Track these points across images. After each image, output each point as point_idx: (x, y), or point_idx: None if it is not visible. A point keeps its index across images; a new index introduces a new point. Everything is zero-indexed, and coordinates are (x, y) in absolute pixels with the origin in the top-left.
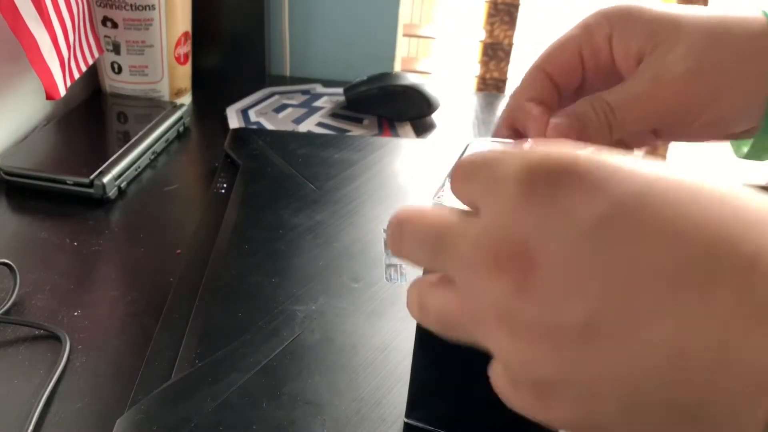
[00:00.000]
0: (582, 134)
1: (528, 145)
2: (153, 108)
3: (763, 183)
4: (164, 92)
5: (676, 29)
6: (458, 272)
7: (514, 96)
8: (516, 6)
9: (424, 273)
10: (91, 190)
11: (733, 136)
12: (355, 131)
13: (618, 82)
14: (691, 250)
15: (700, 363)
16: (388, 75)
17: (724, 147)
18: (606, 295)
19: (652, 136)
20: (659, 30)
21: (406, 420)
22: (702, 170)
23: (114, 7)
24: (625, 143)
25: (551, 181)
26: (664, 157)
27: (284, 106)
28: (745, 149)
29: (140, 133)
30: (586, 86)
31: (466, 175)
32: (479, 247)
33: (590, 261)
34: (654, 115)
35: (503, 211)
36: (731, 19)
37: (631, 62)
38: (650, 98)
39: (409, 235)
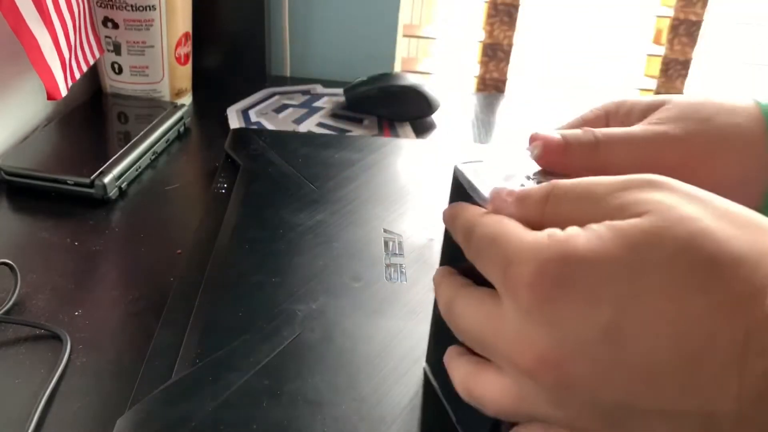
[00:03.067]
0: (564, 148)
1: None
2: (153, 108)
3: None
4: (165, 92)
5: (669, 104)
6: (504, 366)
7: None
8: (516, 6)
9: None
10: (91, 191)
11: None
12: (355, 131)
13: None
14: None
15: None
16: (388, 75)
17: None
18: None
19: None
20: (651, 107)
21: (426, 365)
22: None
23: (114, 7)
24: None
25: (559, 286)
26: None
27: (284, 107)
28: None
29: (141, 134)
30: None
31: (479, 249)
32: (512, 353)
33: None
34: (643, 160)
35: (520, 318)
36: (724, 101)
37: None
38: (643, 142)
39: (454, 328)
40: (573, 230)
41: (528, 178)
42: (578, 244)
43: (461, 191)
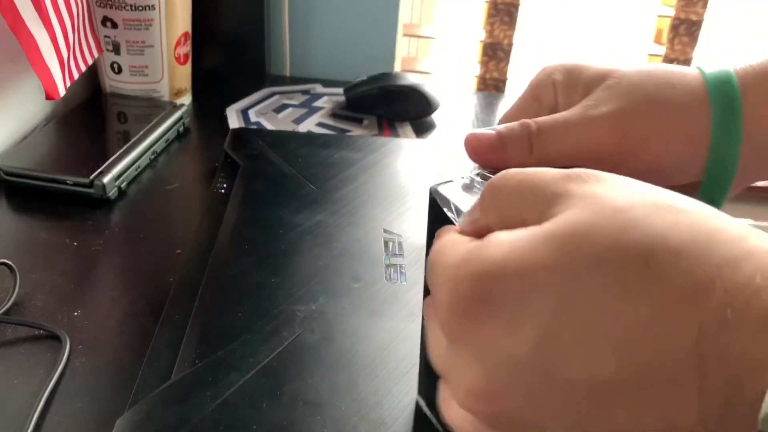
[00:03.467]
0: (500, 145)
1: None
2: (153, 108)
3: (762, 184)
4: (164, 92)
5: (610, 78)
6: None
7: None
8: (516, 6)
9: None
10: (91, 190)
11: (678, 189)
12: (355, 131)
13: None
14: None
15: None
16: (388, 75)
17: None
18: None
19: None
20: (596, 80)
21: (418, 397)
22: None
23: (114, 7)
24: None
25: (478, 306)
26: None
27: (284, 106)
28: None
29: (140, 133)
30: None
31: (431, 265)
32: (450, 386)
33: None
34: (580, 146)
35: (450, 348)
36: (668, 72)
37: None
38: (578, 128)
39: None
40: (493, 237)
41: (474, 175)
42: (494, 255)
43: (439, 213)
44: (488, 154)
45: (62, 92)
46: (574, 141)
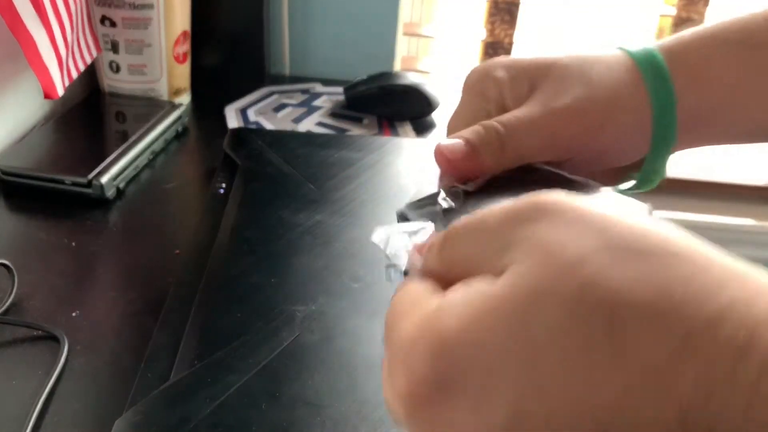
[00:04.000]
0: (472, 153)
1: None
2: (151, 107)
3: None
4: (163, 91)
5: (556, 68)
6: None
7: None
8: (516, 5)
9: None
10: (89, 190)
11: (630, 168)
12: (355, 131)
13: None
14: None
15: None
16: (388, 74)
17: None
18: None
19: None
20: (540, 72)
21: None
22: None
23: (112, 5)
24: None
25: (438, 389)
26: None
27: (283, 106)
28: (636, 175)
29: (139, 133)
30: None
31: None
32: None
33: None
34: (546, 139)
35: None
36: (599, 56)
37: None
38: (543, 122)
39: None
40: (447, 302)
41: (444, 198)
42: (449, 327)
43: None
44: (462, 163)
45: (61, 91)
46: (541, 135)
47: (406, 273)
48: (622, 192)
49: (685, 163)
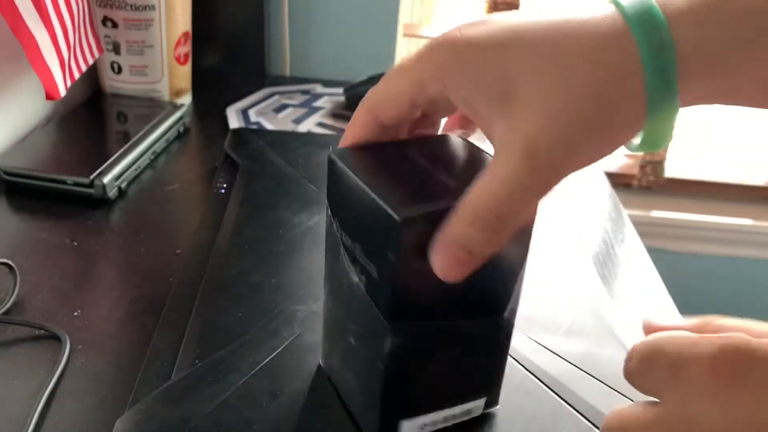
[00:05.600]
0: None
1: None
2: (153, 108)
3: (762, 184)
4: (164, 92)
5: (515, 63)
6: None
7: (346, 137)
8: (516, 6)
9: None
10: (91, 190)
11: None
12: None
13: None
14: None
15: None
16: None
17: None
18: None
19: None
20: (492, 83)
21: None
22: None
23: (114, 6)
24: None
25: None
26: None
27: (284, 106)
28: (638, 140)
29: (140, 133)
30: (420, 120)
31: (645, 365)
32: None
33: None
34: (543, 193)
35: (687, 401)
36: (574, 24)
37: (481, 107)
38: (530, 180)
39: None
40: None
41: None
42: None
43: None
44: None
45: (63, 92)
46: (534, 199)
47: None
48: (631, 150)
49: (685, 163)
